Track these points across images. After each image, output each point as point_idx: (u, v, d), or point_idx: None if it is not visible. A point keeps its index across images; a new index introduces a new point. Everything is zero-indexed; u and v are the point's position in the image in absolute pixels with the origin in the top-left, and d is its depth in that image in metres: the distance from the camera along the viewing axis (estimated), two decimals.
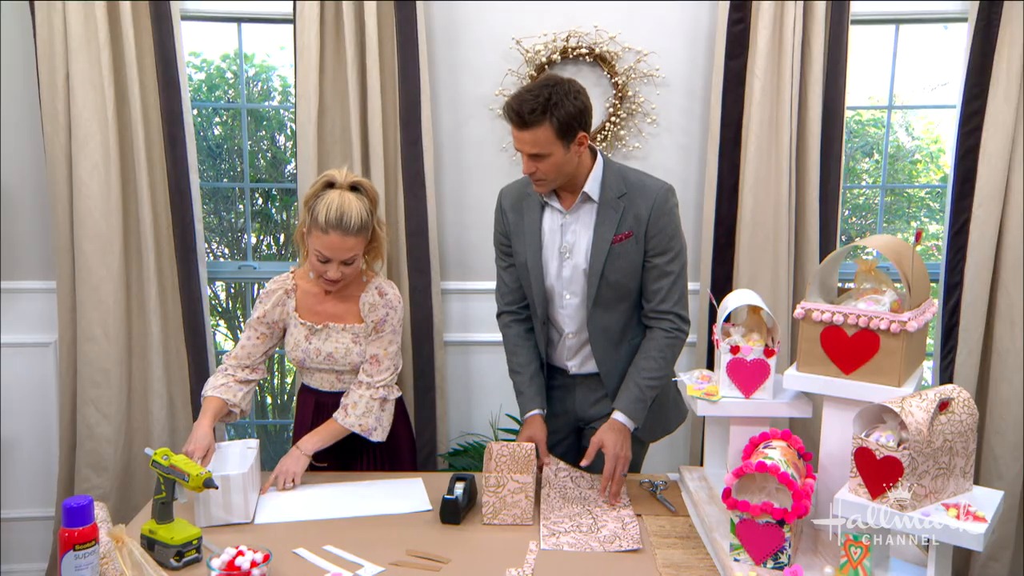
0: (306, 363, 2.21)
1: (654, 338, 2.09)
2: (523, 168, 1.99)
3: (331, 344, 2.17)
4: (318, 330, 2.17)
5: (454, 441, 3.05)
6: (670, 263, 2.07)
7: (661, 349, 2.07)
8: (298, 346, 2.19)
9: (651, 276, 2.08)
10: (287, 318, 2.21)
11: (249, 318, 2.25)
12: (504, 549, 1.78)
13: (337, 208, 2.01)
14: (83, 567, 1.46)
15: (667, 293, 2.07)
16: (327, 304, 2.18)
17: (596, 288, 2.06)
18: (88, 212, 2.72)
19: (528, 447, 2.03)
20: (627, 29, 2.80)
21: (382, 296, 2.16)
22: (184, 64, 2.76)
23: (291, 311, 2.19)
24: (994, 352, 2.82)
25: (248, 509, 1.90)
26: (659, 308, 2.08)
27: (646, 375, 2.06)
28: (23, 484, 3.01)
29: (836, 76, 2.74)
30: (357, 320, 2.17)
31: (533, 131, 1.90)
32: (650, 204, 2.03)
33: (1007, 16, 2.64)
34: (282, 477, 2.08)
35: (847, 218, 3.94)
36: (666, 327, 2.08)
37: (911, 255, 1.67)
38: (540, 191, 2.05)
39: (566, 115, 1.89)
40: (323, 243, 2.03)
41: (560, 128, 1.90)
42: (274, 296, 2.20)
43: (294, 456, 2.11)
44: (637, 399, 2.04)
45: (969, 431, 1.56)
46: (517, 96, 1.93)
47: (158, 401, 2.86)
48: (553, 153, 1.93)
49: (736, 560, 1.65)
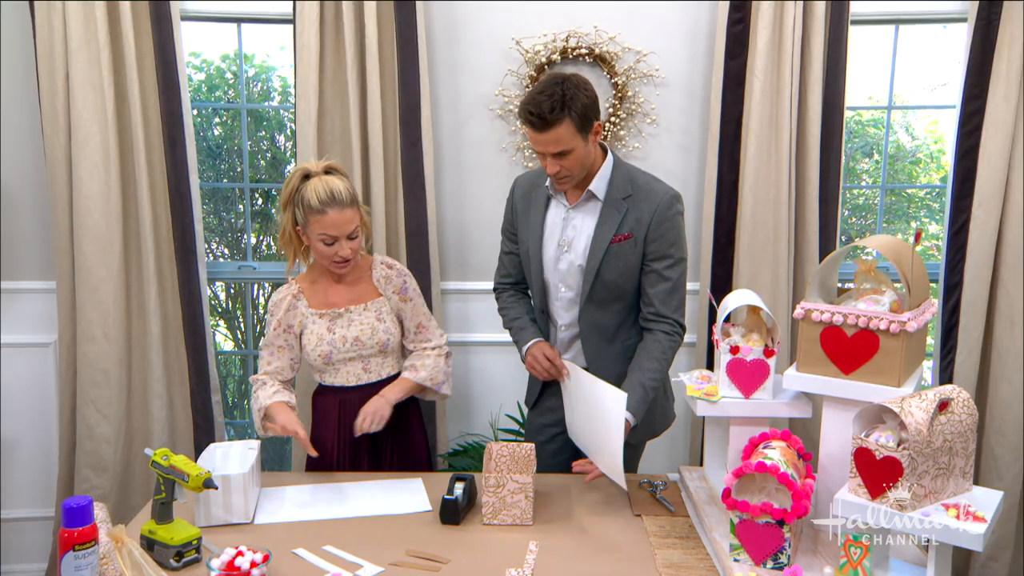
0: (333, 356, 2.18)
1: (656, 340, 2.09)
2: (547, 170, 2.01)
3: (356, 328, 2.18)
4: (340, 315, 2.18)
5: (454, 441, 3.05)
6: (668, 269, 2.07)
7: (664, 352, 2.09)
8: (322, 340, 2.18)
9: (649, 280, 2.09)
10: (303, 319, 2.20)
11: (263, 340, 2.24)
12: (504, 549, 1.78)
13: (324, 188, 2.06)
14: (83, 567, 1.46)
15: (665, 298, 2.08)
16: (340, 292, 2.21)
17: (591, 285, 2.08)
18: (88, 212, 2.72)
19: (528, 447, 2.03)
20: (627, 29, 2.80)
21: (391, 268, 2.25)
22: (184, 64, 2.77)
23: (305, 310, 2.20)
24: (994, 352, 2.82)
25: (248, 509, 1.90)
26: (658, 312, 2.09)
27: (651, 375, 2.06)
28: (23, 484, 3.01)
29: (836, 76, 2.74)
30: (375, 295, 2.22)
31: (556, 130, 1.92)
32: (653, 209, 2.05)
33: (1007, 16, 2.64)
34: (369, 419, 2.10)
35: (847, 218, 3.94)
36: (666, 330, 2.09)
37: (911, 255, 1.67)
38: (564, 188, 2.07)
39: (582, 107, 1.93)
40: (324, 224, 2.06)
41: (579, 121, 1.93)
42: (284, 304, 2.20)
43: (379, 402, 2.14)
44: (642, 399, 2.04)
45: (969, 431, 1.56)
46: (530, 100, 1.93)
47: (158, 401, 2.86)
48: (575, 148, 1.96)
49: (736, 560, 1.65)
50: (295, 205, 2.11)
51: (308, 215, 2.07)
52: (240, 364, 4.11)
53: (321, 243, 2.09)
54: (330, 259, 2.11)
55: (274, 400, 2.14)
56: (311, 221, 2.07)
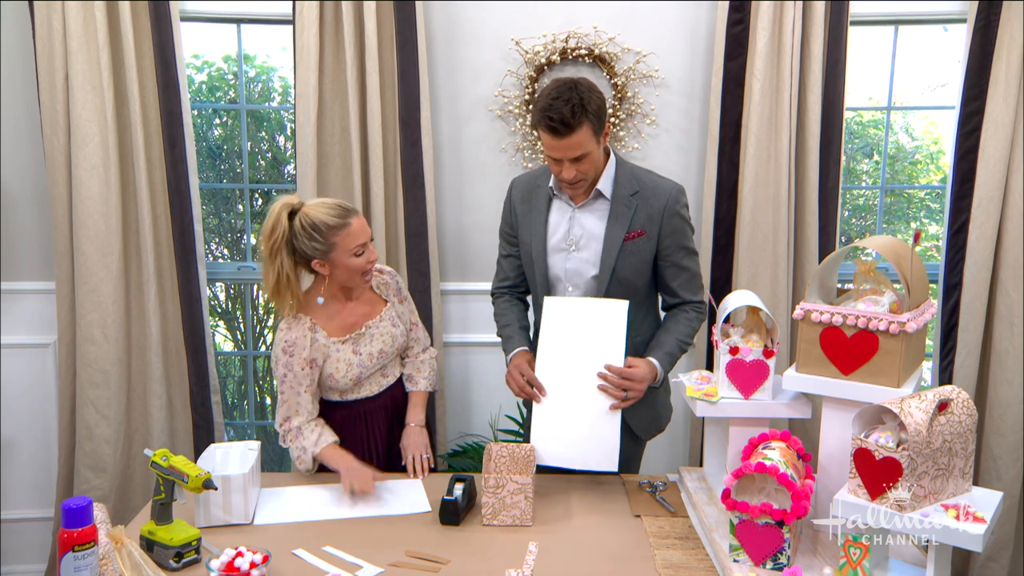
0: (363, 375, 2.15)
1: (685, 311, 2.17)
2: (564, 175, 1.99)
3: (378, 342, 2.17)
4: (361, 335, 2.15)
5: (453, 442, 3.05)
6: (686, 259, 2.14)
7: (692, 321, 2.16)
8: (351, 364, 2.12)
9: (670, 274, 2.14)
10: (325, 350, 2.10)
11: (283, 385, 2.09)
12: (503, 550, 1.78)
13: (326, 205, 2.03)
14: (82, 568, 1.46)
15: (687, 287, 2.16)
16: (353, 311, 2.16)
17: (607, 284, 2.10)
18: (88, 213, 2.72)
19: (527, 448, 2.03)
20: (626, 30, 2.80)
21: (382, 272, 2.25)
22: (183, 65, 2.77)
23: (325, 340, 2.10)
24: (993, 353, 2.82)
25: (248, 510, 1.90)
26: (683, 300, 2.16)
27: (682, 336, 2.14)
28: (22, 485, 3.01)
29: (835, 77, 2.75)
30: (382, 303, 2.22)
31: (577, 134, 1.92)
32: (663, 204, 2.07)
33: (1006, 17, 2.65)
34: (417, 458, 2.14)
35: (847, 219, 3.94)
36: (694, 308, 2.17)
37: (910, 256, 1.67)
38: (577, 192, 2.08)
39: (597, 109, 1.95)
40: (353, 234, 2.01)
41: (596, 124, 1.96)
42: (300, 341, 2.06)
43: (416, 431, 2.19)
44: (670, 354, 2.11)
45: (968, 432, 1.56)
46: (548, 107, 1.92)
47: (157, 402, 2.86)
48: (592, 151, 1.98)
49: (735, 561, 1.65)
50: (291, 245, 2.01)
51: (330, 236, 1.99)
52: (240, 365, 4.10)
53: (354, 256, 2.02)
54: (362, 270, 2.05)
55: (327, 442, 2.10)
56: (337, 241, 1.99)
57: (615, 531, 1.88)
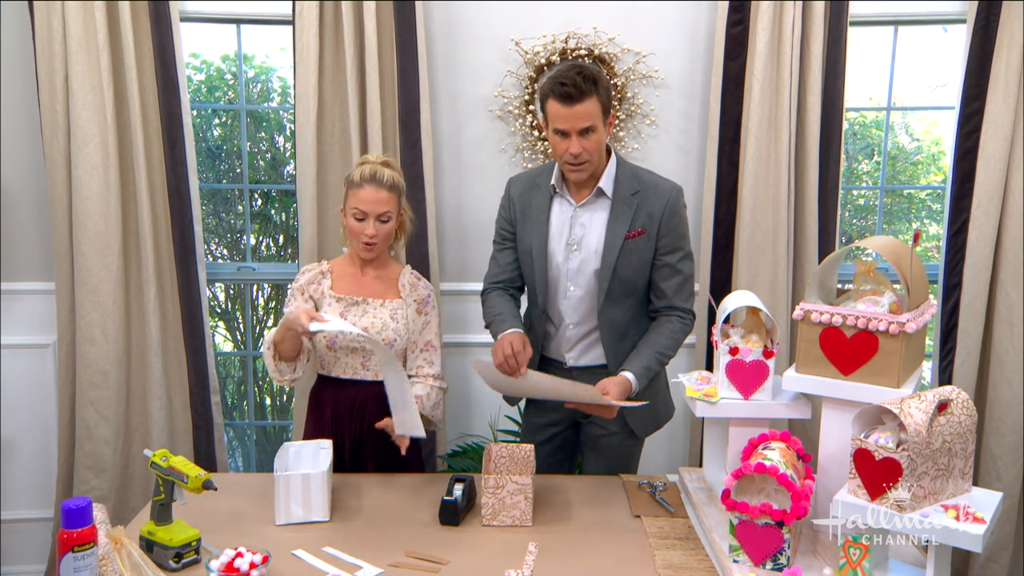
0: (337, 341, 2.21)
1: (670, 322, 2.14)
2: (571, 150, 1.99)
3: (367, 319, 2.21)
4: (357, 303, 2.21)
5: (453, 442, 3.05)
6: (680, 262, 2.12)
7: (675, 332, 2.13)
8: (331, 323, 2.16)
9: (662, 274, 2.12)
10: (320, 298, 2.24)
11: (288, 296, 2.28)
12: (503, 550, 1.78)
13: (370, 168, 2.18)
14: (82, 569, 1.46)
15: (678, 291, 2.13)
16: (365, 283, 2.25)
17: (608, 283, 2.09)
18: (87, 213, 2.72)
19: (527, 448, 2.03)
20: (626, 30, 2.80)
21: (419, 279, 2.31)
22: (183, 65, 2.77)
23: (326, 290, 2.24)
24: (993, 353, 2.82)
25: (327, 507, 1.91)
26: (671, 304, 2.13)
27: (661, 349, 2.10)
28: (22, 485, 3.01)
29: (835, 77, 2.75)
30: (396, 296, 2.25)
31: (585, 103, 1.94)
32: (663, 203, 2.08)
33: (1006, 17, 2.65)
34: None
35: (848, 219, 3.93)
36: (680, 316, 2.14)
37: (910, 256, 1.67)
38: (580, 177, 2.07)
39: (605, 88, 1.98)
40: (359, 198, 2.15)
41: (604, 99, 1.98)
42: (309, 273, 2.27)
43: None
44: (647, 368, 2.08)
45: (968, 432, 1.56)
46: (560, 76, 1.95)
47: (157, 402, 2.86)
48: (598, 128, 1.99)
49: (735, 561, 1.65)
50: (348, 183, 2.22)
51: (348, 189, 2.19)
52: (239, 365, 4.10)
53: (353, 218, 2.17)
54: (358, 236, 2.17)
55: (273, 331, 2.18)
56: (349, 195, 2.18)
57: (615, 531, 1.88)
